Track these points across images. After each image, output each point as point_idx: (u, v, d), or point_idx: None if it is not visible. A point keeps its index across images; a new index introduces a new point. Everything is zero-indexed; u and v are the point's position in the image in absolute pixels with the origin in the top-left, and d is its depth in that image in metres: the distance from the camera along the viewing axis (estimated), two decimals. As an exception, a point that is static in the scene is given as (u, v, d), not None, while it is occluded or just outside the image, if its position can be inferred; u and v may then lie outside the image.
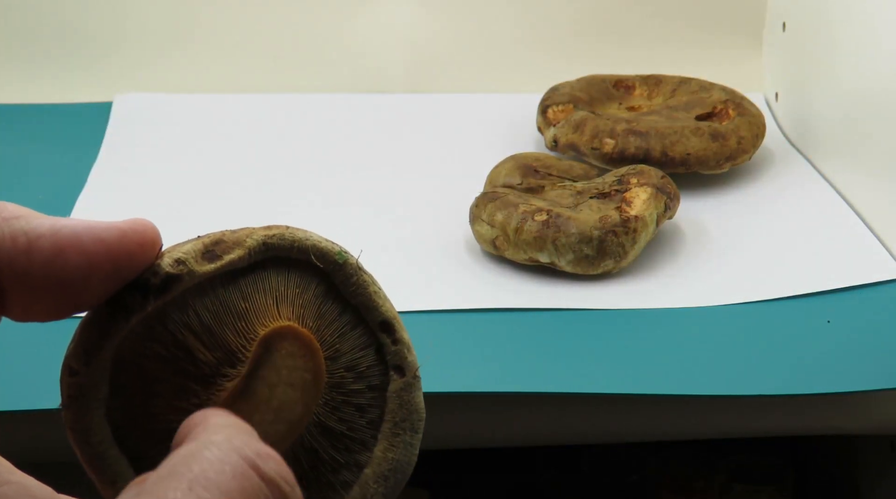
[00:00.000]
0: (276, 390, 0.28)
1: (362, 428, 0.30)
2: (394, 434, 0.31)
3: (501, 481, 0.82)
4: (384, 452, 0.30)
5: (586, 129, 0.65)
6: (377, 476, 0.30)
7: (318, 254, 0.30)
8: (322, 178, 0.67)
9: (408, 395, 0.31)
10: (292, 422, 0.29)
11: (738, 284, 0.56)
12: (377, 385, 0.31)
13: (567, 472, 0.82)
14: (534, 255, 0.56)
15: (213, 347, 0.28)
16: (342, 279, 0.30)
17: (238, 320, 0.29)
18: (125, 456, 0.28)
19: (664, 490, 0.76)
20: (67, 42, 0.77)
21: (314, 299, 0.30)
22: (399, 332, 0.31)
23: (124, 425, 0.28)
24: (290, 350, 0.29)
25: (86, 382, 0.28)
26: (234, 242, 0.29)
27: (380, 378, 0.31)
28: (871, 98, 0.61)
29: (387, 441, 0.30)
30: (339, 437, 0.30)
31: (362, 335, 0.30)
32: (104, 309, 0.28)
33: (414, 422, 0.31)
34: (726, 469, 0.76)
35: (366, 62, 0.79)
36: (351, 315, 0.30)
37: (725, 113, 0.68)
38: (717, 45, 0.80)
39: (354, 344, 0.30)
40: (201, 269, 0.28)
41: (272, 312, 0.29)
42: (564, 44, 0.79)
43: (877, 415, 0.53)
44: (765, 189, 0.67)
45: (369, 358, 0.30)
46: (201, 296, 0.29)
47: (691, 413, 0.52)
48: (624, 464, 0.79)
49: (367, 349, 0.30)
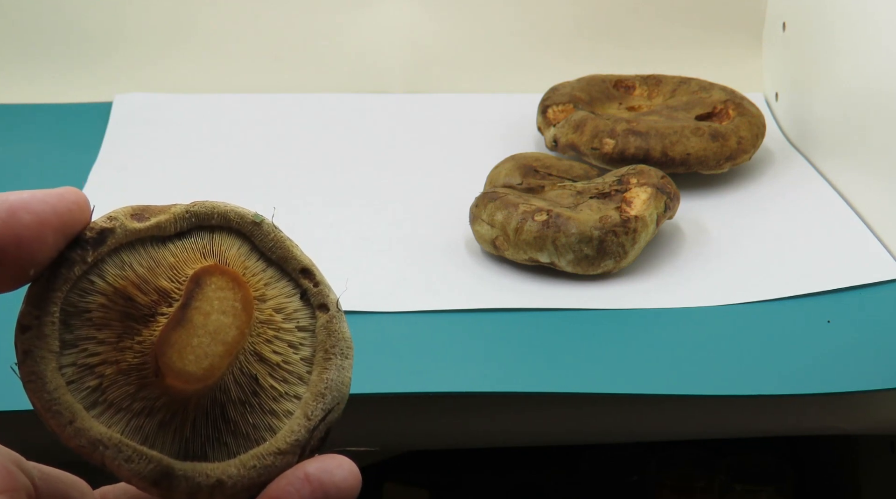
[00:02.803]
0: (209, 316, 0.31)
1: (297, 363, 0.33)
2: (325, 360, 0.33)
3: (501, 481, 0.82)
4: (319, 375, 0.33)
5: (586, 129, 0.65)
6: (314, 396, 0.33)
7: (237, 217, 0.34)
8: (322, 178, 0.67)
9: (334, 326, 0.34)
10: (228, 343, 0.31)
11: (738, 284, 0.56)
12: (306, 326, 0.34)
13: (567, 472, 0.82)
14: (534, 255, 0.56)
15: (148, 292, 0.32)
16: (261, 238, 0.34)
17: (170, 270, 0.32)
18: (79, 401, 0.31)
19: (664, 490, 0.76)
20: (67, 42, 0.77)
21: (238, 256, 0.33)
22: (318, 276, 0.34)
23: (76, 372, 0.31)
24: (219, 284, 0.32)
25: (37, 336, 0.30)
26: (159, 210, 0.33)
27: (308, 320, 0.34)
28: (871, 98, 0.61)
29: (320, 367, 0.33)
30: (275, 367, 0.33)
31: (287, 285, 0.34)
32: (49, 268, 0.30)
33: (343, 348, 0.34)
34: (726, 469, 0.76)
35: (366, 62, 0.79)
36: (274, 270, 0.34)
37: (725, 113, 0.68)
38: (717, 45, 0.80)
39: (280, 291, 0.34)
40: (131, 225, 0.32)
41: (200, 262, 0.32)
42: (564, 44, 0.79)
43: (877, 415, 0.53)
44: (765, 189, 0.67)
45: (295, 303, 0.34)
46: (134, 253, 0.32)
47: (691, 413, 0.52)
48: (624, 464, 0.79)
49: (292, 297, 0.34)
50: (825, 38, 0.67)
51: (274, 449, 0.32)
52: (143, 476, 0.31)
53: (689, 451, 0.76)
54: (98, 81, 0.77)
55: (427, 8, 0.78)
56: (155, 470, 0.31)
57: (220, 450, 0.32)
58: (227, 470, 0.31)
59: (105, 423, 0.31)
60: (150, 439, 0.31)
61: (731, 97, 0.69)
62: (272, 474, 0.31)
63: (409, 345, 0.52)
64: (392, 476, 0.80)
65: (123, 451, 0.30)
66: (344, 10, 0.78)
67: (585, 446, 0.79)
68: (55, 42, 0.77)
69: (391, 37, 0.78)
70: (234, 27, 0.78)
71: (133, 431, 0.31)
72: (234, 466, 0.31)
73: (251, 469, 0.31)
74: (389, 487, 0.80)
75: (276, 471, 0.31)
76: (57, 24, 0.77)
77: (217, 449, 0.32)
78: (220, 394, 0.32)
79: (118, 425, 0.31)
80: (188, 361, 0.31)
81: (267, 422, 0.32)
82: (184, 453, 0.31)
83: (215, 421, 0.32)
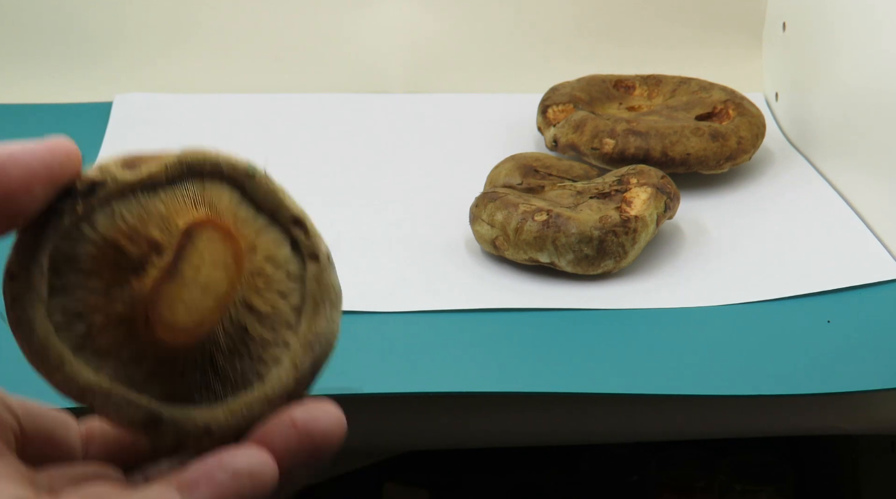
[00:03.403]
0: (200, 270, 0.32)
1: (287, 311, 0.33)
2: (315, 311, 0.33)
3: (501, 481, 0.82)
4: (308, 325, 0.33)
5: (586, 129, 0.65)
6: (303, 346, 0.33)
7: (229, 166, 0.33)
8: (322, 178, 0.67)
9: (324, 276, 0.34)
10: (218, 296, 0.32)
11: (738, 284, 0.56)
12: (296, 274, 0.34)
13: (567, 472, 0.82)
14: (534, 255, 0.56)
15: (139, 242, 0.32)
16: (253, 187, 0.33)
17: (160, 220, 0.32)
18: (68, 348, 0.31)
19: (664, 490, 0.76)
20: (67, 42, 0.77)
21: (230, 205, 0.33)
22: (310, 226, 0.34)
23: (65, 319, 0.31)
24: (211, 236, 0.32)
25: (24, 284, 0.31)
26: (150, 159, 0.33)
27: (297, 268, 0.34)
28: (871, 98, 0.61)
29: (309, 317, 0.33)
30: (264, 317, 0.33)
31: (277, 234, 0.34)
32: (39, 217, 0.31)
33: (332, 298, 0.33)
34: (726, 469, 0.76)
35: (366, 62, 0.79)
36: (265, 218, 0.34)
37: (725, 113, 0.68)
38: (717, 45, 0.80)
39: (271, 241, 0.33)
40: (122, 176, 0.32)
41: (192, 212, 0.32)
42: (564, 44, 0.79)
43: (877, 415, 0.53)
44: (765, 189, 0.67)
45: (285, 251, 0.34)
46: (125, 202, 0.32)
47: (691, 413, 0.52)
48: (624, 464, 0.79)
49: (282, 245, 0.34)
50: (825, 38, 0.67)
51: (262, 397, 0.32)
52: (131, 422, 0.31)
53: (689, 451, 0.76)
54: (98, 81, 0.77)
55: (427, 8, 0.78)
56: (143, 416, 0.31)
57: (207, 397, 0.32)
58: (214, 416, 0.32)
59: (94, 369, 0.31)
60: (139, 385, 0.32)
61: (731, 97, 0.69)
62: (259, 420, 0.32)
63: (409, 345, 0.52)
64: (392, 476, 0.80)
65: (112, 397, 0.31)
66: (344, 10, 0.78)
67: (585, 446, 0.79)
68: (55, 42, 0.77)
69: (391, 37, 0.78)
70: (234, 27, 0.78)
71: (122, 377, 0.32)
72: (222, 412, 0.32)
73: (238, 416, 0.32)
74: (389, 487, 0.80)
75: (263, 417, 0.32)
76: (57, 24, 0.77)
77: (205, 396, 0.32)
78: (210, 343, 0.32)
79: (107, 372, 0.31)
80: (178, 314, 0.31)
81: (255, 369, 0.33)
82: (172, 399, 0.32)
83: (204, 369, 0.32)
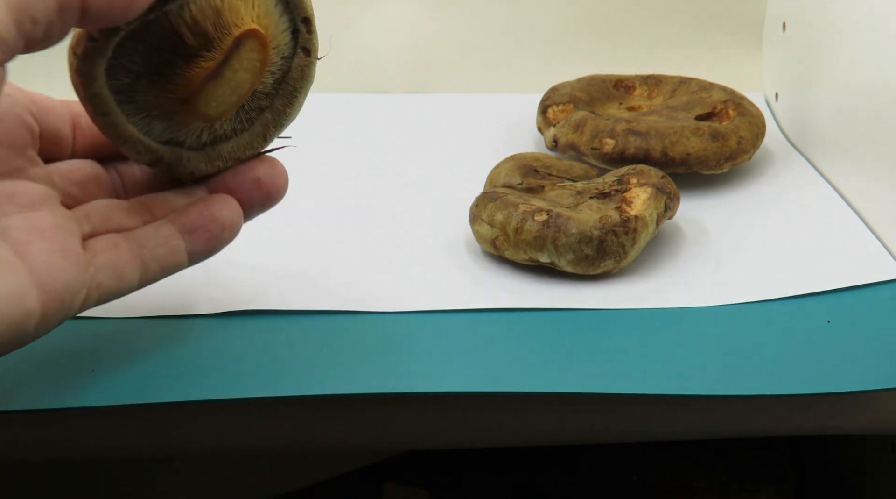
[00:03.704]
0: (237, 73, 0.41)
1: (269, 85, 0.44)
2: (293, 95, 0.44)
3: (501, 481, 0.82)
4: (284, 106, 0.45)
5: (586, 129, 0.65)
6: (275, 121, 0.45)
7: None
8: (321, 177, 0.67)
9: (309, 69, 0.44)
10: (241, 94, 0.42)
11: (738, 284, 0.56)
12: (287, 56, 0.43)
13: (567, 472, 0.82)
14: (534, 255, 0.56)
15: (196, 34, 0.39)
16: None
17: (217, 16, 0.39)
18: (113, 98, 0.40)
19: (664, 490, 0.76)
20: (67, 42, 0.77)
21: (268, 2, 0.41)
22: (314, 27, 0.43)
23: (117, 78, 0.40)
24: (252, 46, 0.40)
25: (98, 46, 0.39)
26: None
27: (290, 52, 0.43)
28: (871, 98, 0.61)
29: (287, 99, 0.44)
30: (256, 92, 0.43)
31: (287, 21, 0.42)
32: None
33: (307, 89, 0.45)
34: (726, 469, 0.76)
35: (366, 62, 0.79)
36: (282, 8, 0.42)
37: (725, 113, 0.68)
38: (717, 45, 0.80)
39: (280, 27, 0.42)
40: None
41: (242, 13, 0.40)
42: (564, 44, 0.79)
43: (877, 415, 0.53)
44: (765, 189, 0.67)
45: (287, 38, 0.43)
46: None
47: (691, 413, 0.52)
48: (624, 464, 0.79)
49: (286, 31, 0.42)
50: (825, 38, 0.67)
51: (235, 156, 0.44)
52: (143, 162, 0.43)
53: (689, 451, 0.76)
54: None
55: (427, 8, 0.78)
56: (151, 158, 0.43)
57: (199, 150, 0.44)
58: (197, 164, 0.44)
59: (127, 117, 0.41)
60: (154, 135, 0.42)
61: (731, 97, 0.69)
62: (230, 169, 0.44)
63: (409, 345, 0.52)
64: (392, 476, 0.80)
65: (136, 146, 0.42)
66: (344, 10, 0.78)
67: (585, 446, 0.79)
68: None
69: (391, 37, 0.78)
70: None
71: (146, 130, 0.42)
72: (203, 161, 0.44)
73: (213, 167, 0.44)
74: (389, 487, 0.80)
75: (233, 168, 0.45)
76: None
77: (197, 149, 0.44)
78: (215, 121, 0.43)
79: (137, 124, 0.41)
80: (210, 107, 0.41)
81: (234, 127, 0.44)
82: (174, 144, 0.43)
83: (201, 133, 0.43)
